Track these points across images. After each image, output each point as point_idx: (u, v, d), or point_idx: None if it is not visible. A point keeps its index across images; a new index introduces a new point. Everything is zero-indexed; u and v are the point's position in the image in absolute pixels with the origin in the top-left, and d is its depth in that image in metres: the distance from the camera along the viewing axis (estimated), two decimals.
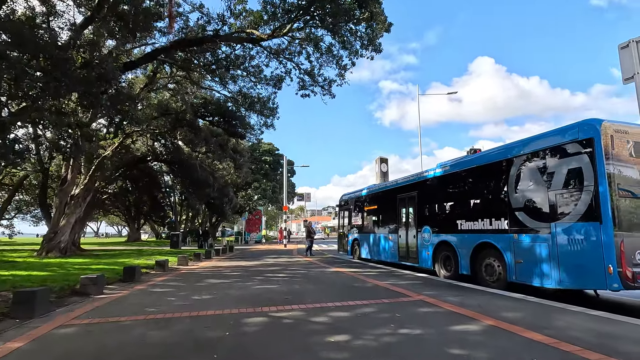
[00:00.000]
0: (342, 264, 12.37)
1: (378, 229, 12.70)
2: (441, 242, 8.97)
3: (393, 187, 11.78)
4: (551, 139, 6.25)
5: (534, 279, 6.29)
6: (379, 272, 9.59)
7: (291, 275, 9.15)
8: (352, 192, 15.93)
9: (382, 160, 32.11)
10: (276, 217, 78.33)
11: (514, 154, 6.96)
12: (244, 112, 15.84)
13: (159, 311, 5.14)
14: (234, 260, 15.06)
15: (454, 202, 8.73)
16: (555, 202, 5.99)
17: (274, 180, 40.39)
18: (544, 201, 6.21)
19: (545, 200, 6.17)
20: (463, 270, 8.10)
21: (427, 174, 9.89)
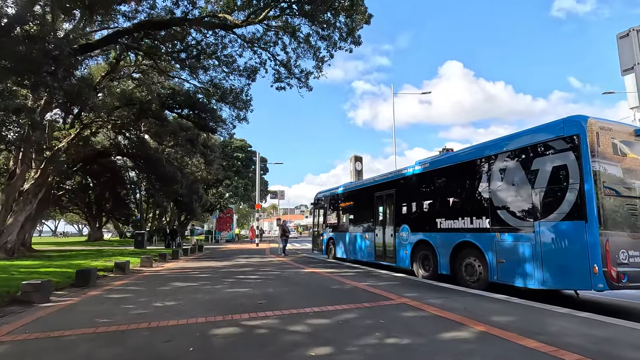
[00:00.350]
0: (317, 264, 11.96)
1: (354, 227, 12.39)
2: (420, 242, 8.75)
3: (370, 184, 11.50)
4: (535, 136, 6.12)
5: (516, 279, 6.14)
6: (356, 273, 9.25)
7: (264, 277, 8.62)
8: (327, 190, 15.56)
9: (356, 158, 32.02)
10: (248, 215, 76.94)
11: (496, 150, 6.80)
12: (215, 104, 15.00)
13: (112, 322, 4.49)
14: (204, 260, 14.27)
15: (433, 200, 8.53)
16: (539, 201, 5.85)
17: (246, 177, 39.41)
18: (527, 199, 6.06)
19: (529, 198, 6.02)
20: (442, 270, 7.90)
21: (406, 171, 9.66)
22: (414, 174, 9.28)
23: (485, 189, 6.95)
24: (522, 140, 6.33)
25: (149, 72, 16.46)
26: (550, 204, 5.68)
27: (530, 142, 6.16)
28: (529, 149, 6.17)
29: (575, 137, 5.43)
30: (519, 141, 6.39)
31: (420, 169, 9.03)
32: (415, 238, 8.89)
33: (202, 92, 14.65)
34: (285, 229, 16.53)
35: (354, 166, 31.64)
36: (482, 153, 7.20)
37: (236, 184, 37.00)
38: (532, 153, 6.10)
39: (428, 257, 8.52)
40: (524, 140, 6.31)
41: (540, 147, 5.98)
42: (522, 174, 6.22)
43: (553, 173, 5.70)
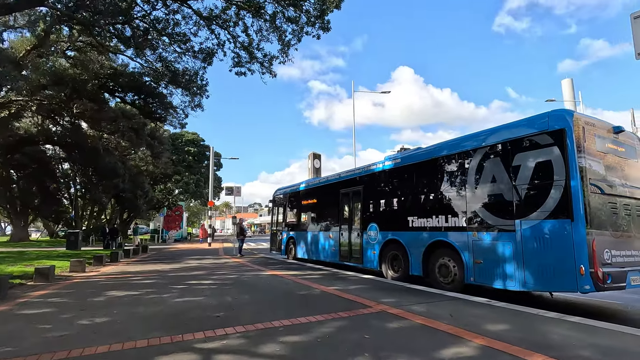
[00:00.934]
0: (277, 265, 11.11)
1: (317, 226, 11.73)
2: (389, 241, 8.29)
3: (335, 181, 10.89)
4: (517, 130, 5.84)
5: (495, 280, 5.83)
6: (321, 275, 8.58)
7: (220, 282, 7.63)
8: (287, 187, 14.75)
9: (315, 155, 31.46)
10: (199, 213, 73.42)
11: (474, 145, 6.48)
12: (165, 89, 13.41)
13: (17, 351, 3.37)
14: (148, 263, 12.78)
15: (405, 198, 8.10)
16: (520, 198, 5.57)
17: (198, 173, 37.18)
18: (508, 197, 5.77)
19: (510, 195, 5.73)
20: (414, 271, 7.49)
21: (375, 167, 9.17)
22: (383, 170, 8.81)
23: (462, 186, 6.61)
24: (502, 135, 6.04)
25: (86, 50, 14.45)
26: (533, 202, 5.41)
27: (511, 137, 5.88)
28: (509, 144, 5.89)
29: (560, 132, 5.19)
30: (499, 135, 6.10)
31: (391, 164, 8.58)
32: (385, 237, 8.42)
33: (150, 73, 12.99)
34: (243, 228, 15.45)
35: (312, 163, 31.06)
36: (457, 148, 6.86)
37: (187, 180, 34.69)
38: (513, 148, 5.82)
39: (398, 258, 8.09)
40: (503, 134, 6.03)
41: (522, 142, 5.71)
42: (502, 170, 5.93)
43: (536, 169, 5.44)
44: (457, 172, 6.79)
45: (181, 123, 15.00)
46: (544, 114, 5.53)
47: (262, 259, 13.64)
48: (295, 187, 13.70)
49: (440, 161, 7.18)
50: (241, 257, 14.55)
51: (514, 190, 5.69)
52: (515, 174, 5.71)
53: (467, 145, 6.66)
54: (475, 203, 6.31)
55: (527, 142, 5.65)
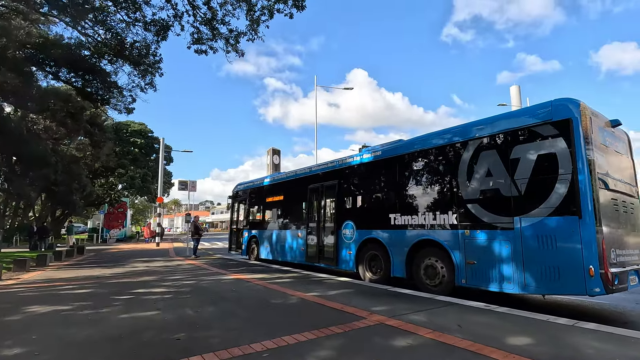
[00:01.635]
0: (239, 267, 10.03)
1: (284, 224, 10.81)
2: (368, 240, 7.64)
3: (305, 175, 10.05)
4: (516, 120, 5.43)
5: (491, 283, 5.38)
6: (292, 278, 7.71)
7: (176, 290, 6.46)
8: (249, 182, 13.63)
9: (274, 151, 30.33)
10: (146, 210, 68.58)
11: (468, 136, 6.00)
12: (109, 65, 11.50)
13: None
14: (85, 267, 11.03)
15: (386, 194, 7.49)
16: (520, 193, 5.15)
17: (145, 167, 34.28)
18: (506, 192, 5.33)
19: (508, 190, 5.30)
20: (396, 273, 6.90)
21: (352, 160, 8.48)
22: (361, 164, 8.14)
23: (453, 181, 6.12)
24: (499, 125, 5.61)
25: (9, 16, 12.16)
26: (535, 198, 5.01)
27: (510, 127, 5.45)
28: (508, 135, 5.46)
29: (566, 122, 4.82)
30: (495, 126, 5.66)
31: (370, 157, 7.93)
32: (363, 236, 7.76)
33: (90, 46, 11.03)
34: (197, 227, 14.05)
35: (272, 159, 29.93)
36: (447, 139, 6.36)
37: (132, 174, 31.69)
38: (511, 139, 5.40)
39: (377, 258, 7.47)
40: (501, 125, 5.59)
41: (522, 132, 5.30)
42: (499, 164, 5.49)
43: (538, 162, 5.05)
44: (447, 165, 6.29)
45: (128, 108, 13.05)
46: (546, 103, 5.15)
47: (221, 260, 12.42)
48: (259, 182, 12.65)
49: (427, 154, 6.65)
50: (196, 259, 13.18)
51: (512, 185, 5.26)
52: (513, 168, 5.29)
53: (458, 136, 6.18)
54: (468, 199, 5.83)
55: (527, 133, 5.24)
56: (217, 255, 15.18)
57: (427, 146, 6.69)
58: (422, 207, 6.58)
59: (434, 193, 6.48)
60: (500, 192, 5.43)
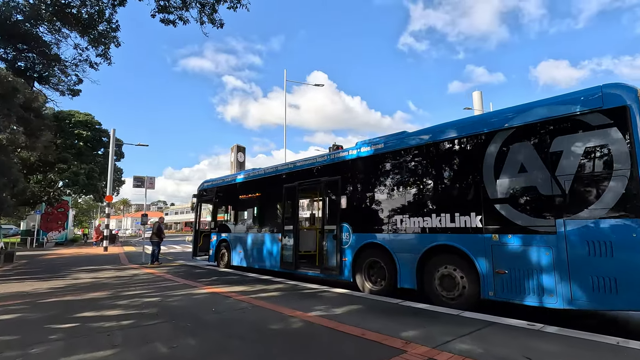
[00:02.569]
0: (210, 277, 8.63)
1: (262, 227, 9.56)
2: (367, 246, 6.69)
3: (288, 171, 8.89)
4: (556, 108, 4.72)
5: (527, 295, 4.62)
6: (279, 291, 6.54)
7: (137, 313, 5.04)
8: (218, 179, 12.17)
9: (239, 148, 28.66)
10: (91, 210, 62.87)
11: (495, 126, 5.23)
12: (49, 35, 9.32)
13: None
14: (12, 280, 9.02)
15: (391, 192, 6.57)
16: (564, 192, 4.44)
17: (91, 162, 30.89)
18: (545, 191, 4.61)
19: (548, 189, 4.58)
20: (404, 283, 5.99)
21: (346, 154, 7.47)
22: (359, 158, 7.16)
23: (475, 178, 5.32)
24: (535, 114, 4.88)
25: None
26: (583, 197, 4.32)
27: (548, 116, 4.74)
28: (546, 124, 4.75)
29: (622, 110, 4.17)
30: (531, 114, 4.92)
31: (370, 150, 6.98)
32: (361, 241, 6.78)
33: (24, 7, 8.79)
34: (161, 229, 12.34)
35: (236, 157, 28.25)
36: (470, 129, 5.55)
37: (76, 170, 28.25)
38: (551, 130, 4.69)
39: (378, 266, 6.54)
40: (538, 113, 4.87)
41: (564, 122, 4.61)
42: (535, 158, 4.76)
43: (586, 156, 4.37)
44: (468, 160, 5.49)
45: (72, 89, 10.89)
46: (593, 89, 4.49)
47: (185, 268, 10.85)
48: (230, 180, 11.25)
49: (444, 146, 5.82)
50: (158, 266, 11.49)
51: (553, 183, 4.55)
52: (554, 163, 4.58)
53: (483, 126, 5.39)
54: (496, 198, 5.05)
55: (570, 123, 4.55)
56: (178, 261, 13.47)
57: (443, 138, 5.85)
58: (437, 207, 5.73)
59: (452, 192, 5.66)
60: (537, 190, 4.70)
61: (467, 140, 5.54)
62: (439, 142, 5.88)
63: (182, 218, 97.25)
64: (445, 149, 5.81)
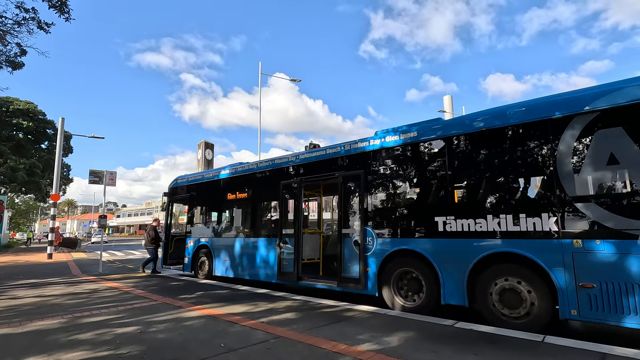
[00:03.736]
0: (193, 292, 7.08)
1: (254, 231, 8.16)
2: (397, 253, 5.60)
3: (290, 165, 7.60)
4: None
5: (625, 316, 3.75)
6: (293, 311, 5.25)
7: (112, 355, 3.52)
8: (196, 174, 10.55)
9: (207, 145, 26.58)
10: (30, 212, 56.52)
11: (576, 109, 4.34)
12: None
13: None
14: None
15: (430, 189, 5.54)
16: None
17: (33, 157, 27.23)
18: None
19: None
20: (450, 299, 4.96)
21: (365, 144, 6.34)
22: (388, 148, 6.05)
23: (549, 171, 4.42)
24: (629, 93, 4.04)
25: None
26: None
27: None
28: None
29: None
30: (621, 95, 4.08)
31: (400, 140, 5.90)
32: (389, 247, 5.68)
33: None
34: (158, 233, 10.61)
35: (204, 154, 26.16)
36: (538, 114, 4.62)
37: (14, 165, 24.60)
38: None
39: (410, 278, 5.48)
40: (631, 92, 4.04)
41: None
42: (631, 146, 3.93)
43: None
44: (537, 149, 4.58)
45: (13, 61, 8.66)
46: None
47: (156, 280, 9.11)
48: (213, 175, 9.69)
49: (503, 133, 4.86)
50: (155, 276, 9.62)
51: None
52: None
53: (557, 109, 4.49)
54: (577, 196, 4.17)
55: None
56: (145, 271, 11.57)
57: (501, 124, 4.89)
58: (494, 207, 4.77)
59: (514, 189, 4.73)
60: (634, 187, 3.86)
61: (534, 126, 4.62)
62: (495, 129, 4.92)
63: (135, 220, 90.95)
64: (504, 137, 4.86)
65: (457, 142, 5.29)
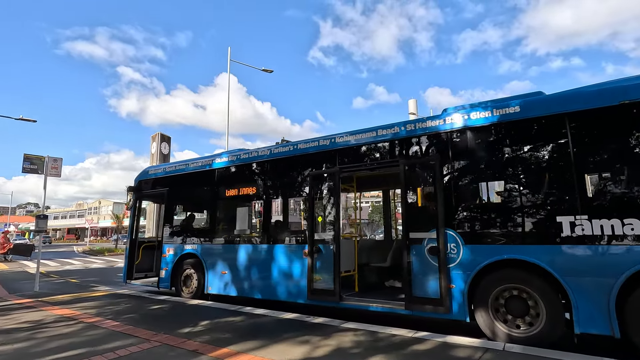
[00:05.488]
0: (193, 321, 5.06)
1: (270, 236, 6.30)
2: (497, 265, 4.22)
3: (326, 150, 5.88)
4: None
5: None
6: (365, 349, 3.62)
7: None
8: (175, 164, 8.31)
9: (163, 137, 23.49)
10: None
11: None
12: None
13: None
14: None
15: (551, 177, 4.22)
16: None
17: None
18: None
19: None
20: (588, 327, 3.69)
21: (447, 122, 4.90)
22: (471, 128, 4.66)
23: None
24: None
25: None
26: None
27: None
28: None
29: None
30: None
31: (493, 117, 4.53)
32: (483, 257, 4.28)
33: None
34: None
35: (159, 148, 23.08)
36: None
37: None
38: None
39: (513, 297, 4.13)
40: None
41: None
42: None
43: None
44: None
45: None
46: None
47: (127, 301, 6.78)
48: (202, 165, 7.59)
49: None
50: (111, 294, 7.10)
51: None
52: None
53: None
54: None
55: None
56: (100, 287, 9.01)
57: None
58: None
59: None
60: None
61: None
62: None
63: (63, 224, 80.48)
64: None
65: (585, 118, 4.05)
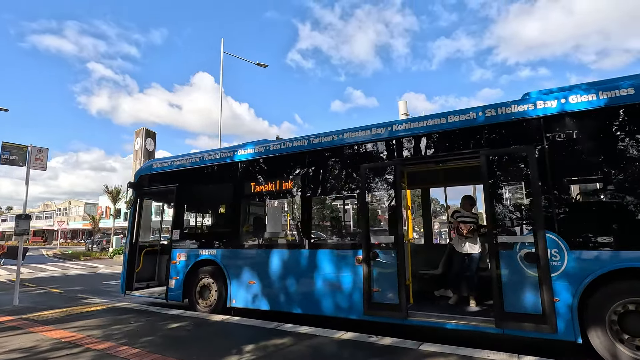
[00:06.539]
0: (233, 344, 4.10)
1: (315, 238, 5.39)
2: (620, 274, 3.54)
3: (383, 139, 5.08)
4: None
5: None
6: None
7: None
8: (184, 156, 7.20)
9: (148, 133, 21.97)
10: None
11: None
12: None
13: None
14: None
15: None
16: None
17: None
18: None
19: None
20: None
21: (538, 107, 4.19)
22: (571, 114, 3.97)
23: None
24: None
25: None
26: None
27: None
28: None
29: None
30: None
31: (600, 100, 3.87)
32: (603, 265, 3.59)
33: None
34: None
35: (144, 144, 21.57)
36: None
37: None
38: None
39: (628, 312, 3.46)
40: None
41: None
42: None
43: None
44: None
45: None
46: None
47: (135, 318, 5.66)
48: (222, 157, 6.55)
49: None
50: (108, 308, 5.90)
51: None
52: None
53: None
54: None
55: None
56: (90, 300, 7.78)
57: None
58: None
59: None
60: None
61: None
62: None
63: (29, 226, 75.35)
64: None
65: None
